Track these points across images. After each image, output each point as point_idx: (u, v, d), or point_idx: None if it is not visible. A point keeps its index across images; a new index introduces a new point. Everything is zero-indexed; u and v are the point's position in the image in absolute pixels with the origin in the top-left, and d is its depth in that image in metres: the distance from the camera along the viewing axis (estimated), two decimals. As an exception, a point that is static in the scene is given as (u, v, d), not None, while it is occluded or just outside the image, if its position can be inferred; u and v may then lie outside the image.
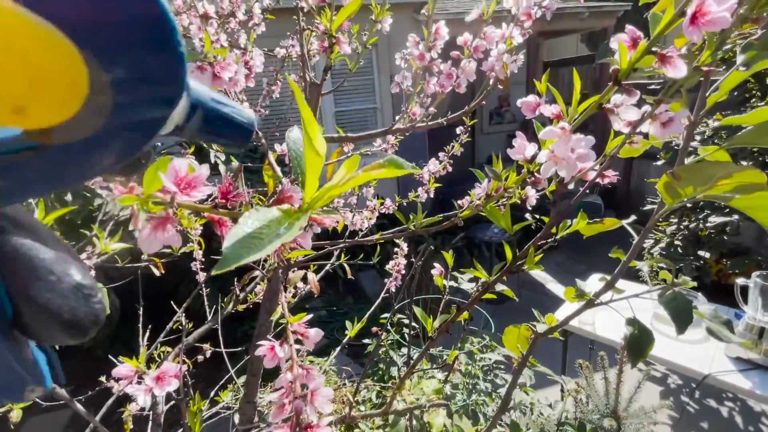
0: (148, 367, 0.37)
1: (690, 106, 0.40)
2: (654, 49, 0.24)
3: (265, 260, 0.67)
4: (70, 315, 0.13)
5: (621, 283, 0.46)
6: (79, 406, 0.65)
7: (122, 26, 0.11)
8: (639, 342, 0.39)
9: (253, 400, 0.68)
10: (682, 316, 0.37)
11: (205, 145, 2.30)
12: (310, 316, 0.31)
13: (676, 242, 2.74)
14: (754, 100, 2.56)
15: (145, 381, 0.35)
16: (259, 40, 0.85)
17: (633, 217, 0.49)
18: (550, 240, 0.41)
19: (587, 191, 0.43)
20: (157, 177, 0.19)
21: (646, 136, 0.40)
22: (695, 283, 0.45)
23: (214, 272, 0.17)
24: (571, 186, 0.40)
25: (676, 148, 2.64)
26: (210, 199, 0.23)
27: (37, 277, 0.13)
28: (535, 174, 0.34)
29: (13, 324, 0.13)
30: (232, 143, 0.18)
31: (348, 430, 1.08)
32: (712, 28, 0.23)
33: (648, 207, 2.81)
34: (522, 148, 0.31)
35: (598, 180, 0.42)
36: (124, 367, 0.35)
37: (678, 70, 0.24)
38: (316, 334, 0.31)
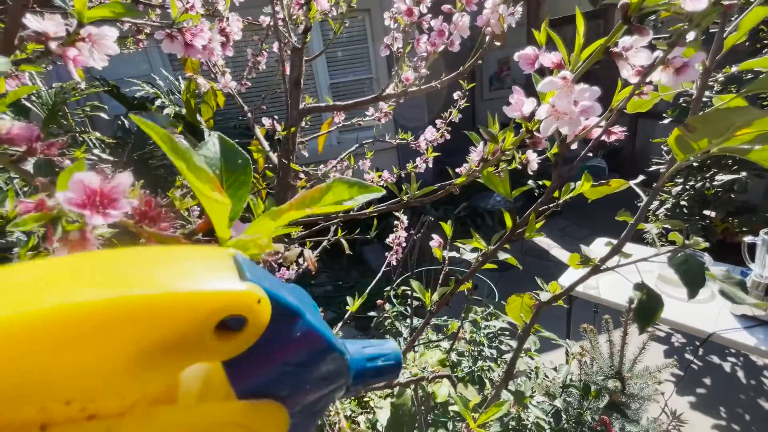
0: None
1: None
2: (670, -23, 0.21)
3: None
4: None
5: (626, 246, 0.44)
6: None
7: (315, 379, 0.15)
8: (648, 307, 0.37)
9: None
10: (694, 279, 0.35)
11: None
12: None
13: (682, 202, 2.70)
14: (766, 50, 2.44)
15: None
16: (243, 10, 0.79)
17: (641, 177, 0.46)
18: (552, 205, 0.38)
19: (589, 153, 0.40)
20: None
21: (654, 88, 0.37)
22: (707, 244, 0.42)
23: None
24: (574, 146, 0.37)
25: (683, 105, 2.55)
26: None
27: None
28: (535, 133, 0.31)
29: None
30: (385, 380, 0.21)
31: (357, 399, 1.11)
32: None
33: (653, 168, 2.75)
34: (519, 104, 0.28)
35: (602, 139, 0.39)
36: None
37: (698, 1, 0.21)
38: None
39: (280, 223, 0.18)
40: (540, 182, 0.50)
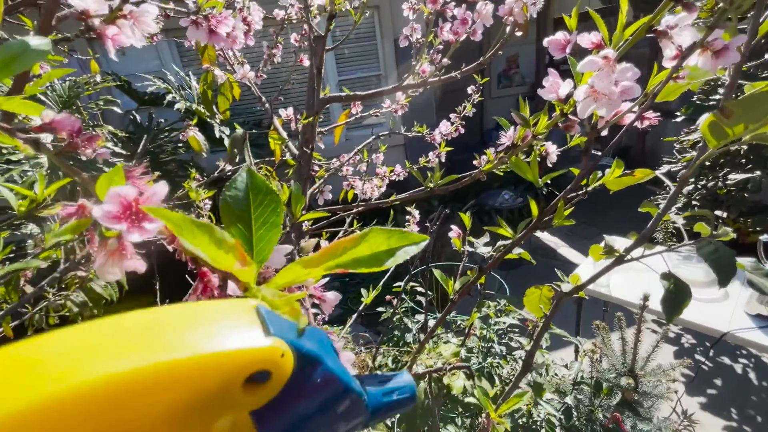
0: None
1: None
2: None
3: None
4: None
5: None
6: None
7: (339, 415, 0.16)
8: (675, 297, 0.37)
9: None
10: (725, 268, 0.34)
11: (209, 120, 2.26)
12: (327, 279, 0.29)
13: (694, 202, 2.67)
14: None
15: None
16: (258, 4, 0.80)
17: (666, 168, 0.46)
18: (580, 192, 0.38)
19: (599, 153, 0.39)
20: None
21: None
22: (734, 235, 0.42)
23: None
24: (604, 132, 0.36)
25: (697, 102, 2.51)
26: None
27: None
28: (570, 116, 0.31)
29: None
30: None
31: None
32: None
33: (663, 167, 2.72)
34: (555, 86, 0.28)
35: (613, 137, 0.38)
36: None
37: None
38: (334, 297, 0.30)
39: (311, 275, 0.18)
40: (554, 178, 0.49)
